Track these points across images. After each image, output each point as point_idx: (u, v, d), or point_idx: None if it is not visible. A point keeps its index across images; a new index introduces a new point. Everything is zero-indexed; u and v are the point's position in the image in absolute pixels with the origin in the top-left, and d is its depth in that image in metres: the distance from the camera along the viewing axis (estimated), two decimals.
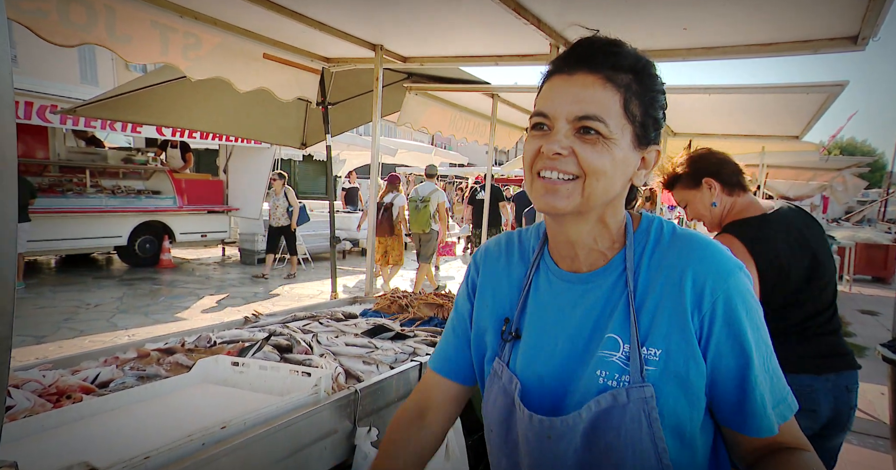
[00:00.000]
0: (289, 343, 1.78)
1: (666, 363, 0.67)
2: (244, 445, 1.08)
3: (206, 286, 6.97)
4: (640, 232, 0.75)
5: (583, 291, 0.75)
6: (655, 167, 0.75)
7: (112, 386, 1.31)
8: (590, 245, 0.74)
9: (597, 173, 0.67)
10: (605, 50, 0.68)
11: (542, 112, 0.69)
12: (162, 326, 4.92)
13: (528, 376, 0.75)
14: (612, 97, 0.67)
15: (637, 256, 0.73)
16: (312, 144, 4.75)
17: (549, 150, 0.67)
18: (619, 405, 0.66)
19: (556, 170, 0.68)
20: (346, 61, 3.21)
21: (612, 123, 0.66)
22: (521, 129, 5.79)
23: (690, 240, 0.72)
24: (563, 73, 0.69)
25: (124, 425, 1.11)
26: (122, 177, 8.11)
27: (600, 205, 0.70)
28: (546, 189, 0.69)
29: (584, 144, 0.67)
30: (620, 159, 0.68)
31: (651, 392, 0.66)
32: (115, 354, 1.55)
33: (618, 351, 0.69)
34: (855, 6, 1.77)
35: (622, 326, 0.70)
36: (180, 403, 1.27)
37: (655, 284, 0.70)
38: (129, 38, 2.08)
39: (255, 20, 2.53)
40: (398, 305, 2.40)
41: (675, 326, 0.68)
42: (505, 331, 0.79)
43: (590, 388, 0.69)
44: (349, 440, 1.37)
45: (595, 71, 0.67)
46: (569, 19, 2.29)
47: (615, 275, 0.73)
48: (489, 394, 0.79)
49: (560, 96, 0.68)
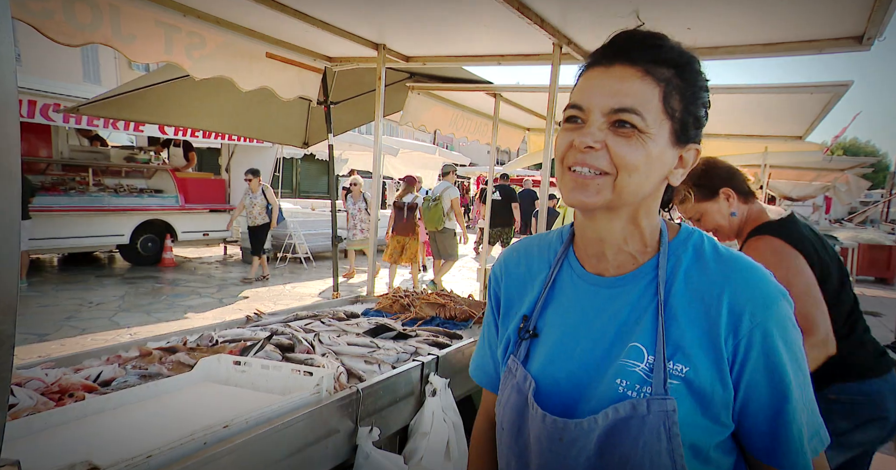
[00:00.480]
0: (290, 342, 1.78)
1: (691, 381, 0.65)
2: (246, 445, 1.08)
3: (207, 285, 6.99)
4: (677, 242, 0.72)
5: (609, 295, 0.72)
6: (693, 167, 0.72)
7: (114, 385, 1.32)
8: (619, 244, 0.72)
9: (629, 168, 0.64)
10: (646, 42, 0.66)
11: (577, 104, 0.67)
12: (164, 325, 4.93)
13: (544, 377, 0.73)
14: (651, 90, 0.64)
15: (671, 266, 0.70)
16: (314, 144, 4.76)
17: (582, 143, 0.65)
18: (638, 416, 0.64)
19: (586, 165, 0.65)
20: (348, 61, 3.21)
21: (649, 117, 0.64)
22: (523, 129, 5.78)
23: (735, 260, 0.69)
24: (601, 66, 0.67)
25: (126, 424, 1.11)
26: (125, 175, 8.13)
27: (633, 201, 0.68)
28: (576, 184, 0.66)
29: (617, 138, 0.64)
30: (656, 155, 0.65)
31: (674, 406, 0.63)
32: (117, 353, 1.55)
33: (641, 361, 0.67)
34: (860, 6, 1.76)
35: (648, 336, 0.67)
36: (182, 402, 1.27)
37: (690, 300, 0.67)
38: (133, 38, 2.08)
39: (259, 19, 2.53)
40: (400, 305, 2.40)
41: (706, 346, 0.65)
42: (522, 328, 0.77)
43: (607, 395, 0.67)
44: (351, 440, 1.37)
45: (634, 63, 0.65)
46: (572, 19, 2.29)
47: (645, 282, 0.70)
48: (503, 392, 0.78)
49: (596, 88, 0.66)
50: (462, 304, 2.34)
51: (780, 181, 11.69)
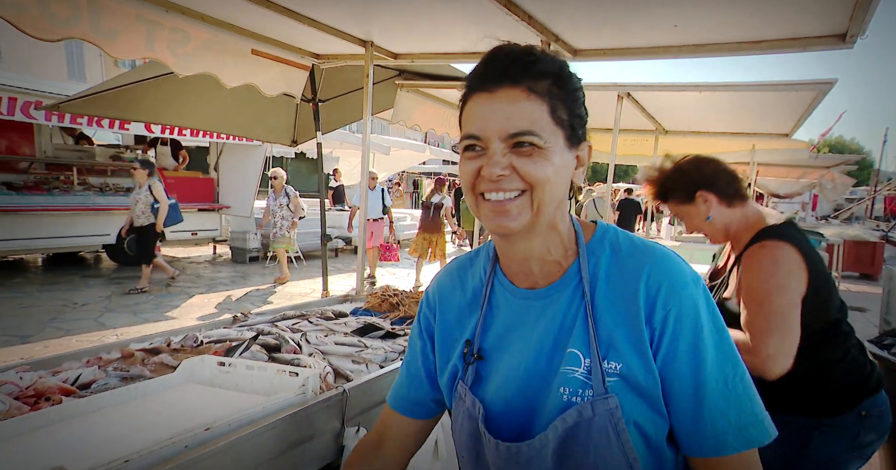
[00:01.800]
0: (277, 342, 1.76)
1: (626, 377, 0.66)
2: (229, 447, 1.06)
3: (196, 285, 6.91)
4: (594, 241, 0.74)
5: (542, 306, 0.73)
6: (590, 161, 0.74)
7: (94, 387, 1.29)
8: (543, 257, 0.73)
9: (541, 184, 0.66)
10: (522, 60, 0.66)
11: (473, 134, 0.67)
12: (150, 326, 4.87)
13: (495, 400, 0.73)
14: (539, 107, 0.66)
15: (593, 266, 0.72)
16: (303, 142, 4.72)
17: (492, 174, 0.66)
18: (584, 420, 0.65)
19: (501, 190, 0.66)
20: (336, 58, 3.18)
21: (544, 133, 0.66)
22: None
23: (647, 250, 0.71)
24: (485, 91, 0.67)
25: (105, 428, 1.09)
26: (111, 174, 8.01)
27: (550, 213, 0.69)
28: (495, 211, 0.67)
29: (521, 158, 0.66)
30: (559, 165, 0.67)
31: (615, 403, 0.65)
32: (98, 355, 1.52)
33: (579, 366, 0.68)
34: (843, 4, 1.78)
35: (582, 339, 0.69)
36: (164, 405, 1.25)
37: (613, 298, 0.69)
38: (114, 33, 2.04)
39: (244, 16, 2.50)
40: (389, 304, 2.38)
41: (632, 338, 0.67)
42: (467, 353, 0.77)
43: (554, 406, 0.68)
44: (337, 441, 1.35)
45: (516, 83, 0.66)
46: (559, 17, 2.28)
47: (571, 287, 0.72)
48: (456, 419, 0.78)
49: (488, 115, 0.66)
50: None
51: (768, 179, 11.84)
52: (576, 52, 2.76)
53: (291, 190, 7.16)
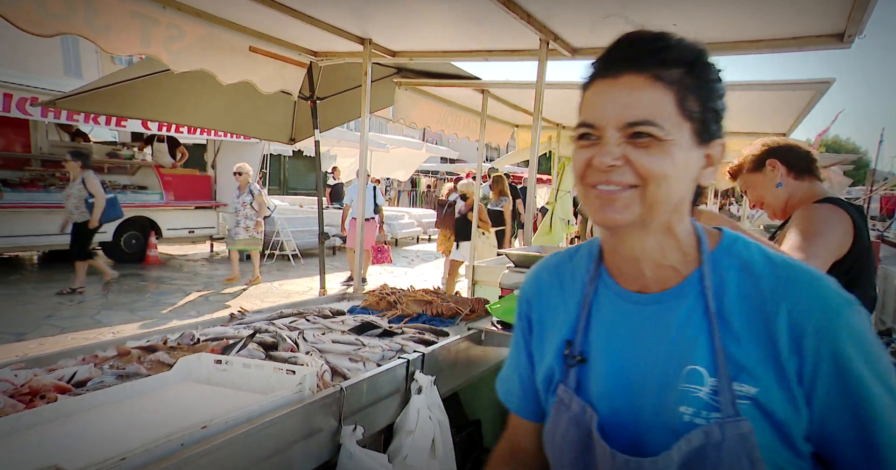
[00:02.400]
0: (274, 341, 1.75)
1: (761, 403, 0.60)
2: (225, 445, 1.06)
3: (193, 283, 6.89)
4: (720, 250, 0.67)
5: (654, 312, 0.67)
6: (721, 162, 0.67)
7: (89, 385, 1.28)
8: (657, 260, 0.67)
9: (657, 179, 0.61)
10: (651, 46, 0.62)
11: (588, 122, 0.64)
12: (147, 323, 4.85)
13: (602, 408, 0.68)
14: (664, 96, 0.61)
15: (718, 277, 0.65)
16: (301, 140, 4.71)
17: (602, 163, 0.62)
18: (712, 443, 0.59)
19: (611, 183, 0.62)
20: (334, 55, 3.17)
21: (666, 124, 0.61)
22: (511, 126, 5.78)
23: (792, 268, 0.63)
24: (607, 78, 0.63)
25: (101, 426, 1.08)
26: (107, 172, 7.97)
27: (665, 213, 0.64)
28: (602, 201, 0.63)
29: (637, 150, 0.61)
30: (681, 160, 0.62)
31: (749, 427, 0.58)
32: (94, 352, 1.51)
33: (703, 385, 0.62)
34: (841, 3, 1.78)
35: (707, 357, 0.62)
36: (160, 403, 1.24)
37: (748, 315, 0.62)
38: (108, 29, 2.03)
39: (241, 12, 2.49)
40: (387, 302, 2.38)
41: (770, 365, 0.60)
42: (568, 355, 0.72)
43: (672, 425, 0.62)
44: (334, 439, 1.35)
45: (641, 71, 0.61)
46: (558, 15, 2.28)
47: (692, 297, 0.65)
48: (555, 425, 0.72)
49: (606, 103, 0.62)
50: (449, 301, 2.33)
51: None
52: (574, 51, 2.75)
53: (256, 187, 6.78)
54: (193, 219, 8.65)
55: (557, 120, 5.80)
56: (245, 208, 6.62)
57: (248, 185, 6.66)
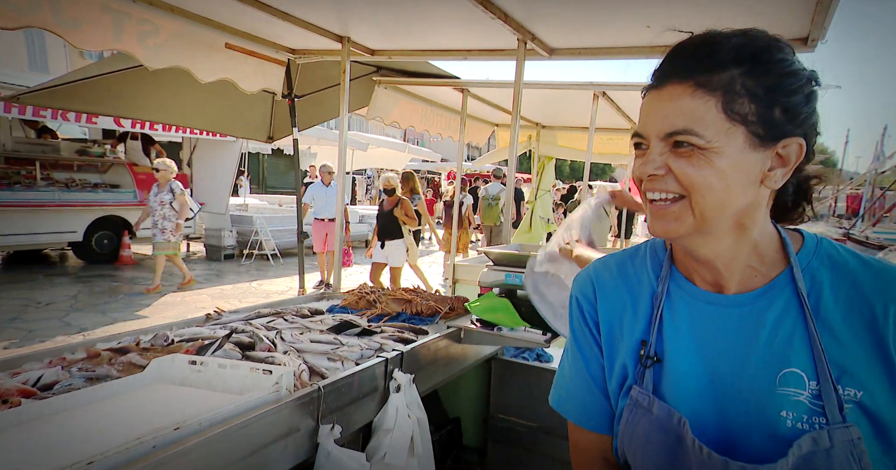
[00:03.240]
0: (251, 341, 1.73)
1: (867, 407, 0.59)
2: (199, 447, 1.04)
3: (168, 283, 6.74)
4: (806, 252, 0.66)
5: (739, 314, 0.66)
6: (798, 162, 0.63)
7: (56, 389, 1.24)
8: (735, 261, 0.66)
9: (699, 189, 0.61)
10: (695, 52, 0.61)
11: (637, 132, 0.66)
12: (120, 325, 4.73)
13: (685, 411, 0.66)
14: (705, 104, 0.60)
15: (810, 278, 0.64)
16: (280, 138, 4.64)
17: (643, 173, 0.64)
18: (821, 450, 0.57)
19: (656, 190, 0.63)
20: (312, 53, 3.15)
21: (708, 132, 0.59)
22: (491, 125, 5.81)
23: (884, 270, 0.63)
24: (654, 89, 0.64)
25: (68, 430, 1.06)
26: (77, 170, 7.73)
27: (727, 218, 0.63)
28: (654, 213, 0.65)
29: (678, 159, 0.61)
30: (728, 168, 0.60)
31: (858, 434, 0.57)
32: (61, 355, 1.47)
33: (804, 389, 0.60)
34: (804, 8, 1.84)
35: (805, 359, 0.61)
36: (132, 405, 1.22)
37: (845, 315, 0.61)
38: (77, 23, 1.97)
39: (216, 8, 2.44)
40: (366, 301, 2.37)
41: (876, 366, 0.59)
42: (644, 355, 0.70)
43: (773, 431, 0.61)
44: (312, 439, 1.35)
45: (684, 79, 0.61)
46: (536, 16, 2.31)
47: (783, 299, 0.64)
48: (632, 428, 0.69)
49: (650, 113, 0.64)
50: (428, 299, 2.34)
51: None
52: (551, 51, 2.79)
53: (178, 186, 6.10)
54: None
55: (537, 119, 5.85)
56: (164, 208, 5.94)
57: (168, 183, 6.01)
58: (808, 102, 0.63)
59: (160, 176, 6.00)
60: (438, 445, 2.10)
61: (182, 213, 6.12)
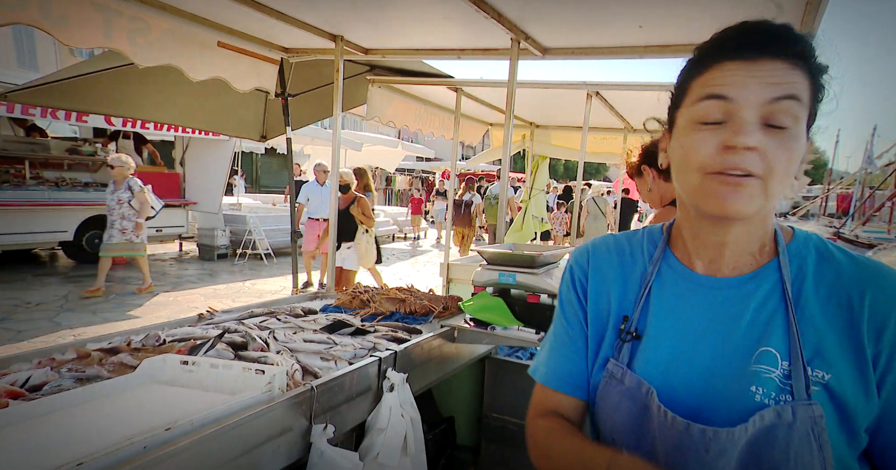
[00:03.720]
0: (244, 340, 1.73)
1: (833, 389, 0.61)
2: (191, 447, 1.04)
3: (161, 283, 6.69)
4: (796, 244, 0.69)
5: (728, 296, 0.68)
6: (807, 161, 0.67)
7: (45, 390, 1.23)
8: (743, 247, 0.68)
9: (778, 173, 0.60)
10: (787, 36, 0.61)
11: (722, 94, 0.60)
12: (111, 325, 4.69)
13: (660, 384, 0.68)
14: (803, 80, 0.60)
15: (796, 267, 0.66)
16: (273, 137, 4.63)
17: (742, 143, 0.58)
18: (783, 424, 0.59)
19: (738, 168, 0.59)
20: (305, 52, 3.13)
21: (802, 111, 0.60)
22: (485, 124, 5.81)
23: (871, 263, 0.65)
24: (740, 60, 0.60)
25: (57, 431, 1.05)
26: (67, 169, 7.65)
27: (773, 206, 0.64)
28: (729, 187, 0.60)
29: (772, 139, 0.59)
30: (797, 152, 0.61)
31: (820, 412, 0.59)
32: (50, 355, 1.46)
33: (776, 367, 0.62)
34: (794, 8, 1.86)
35: (781, 340, 0.63)
36: (123, 406, 1.21)
37: (825, 302, 0.64)
38: (66, 20, 1.95)
39: (208, 6, 2.43)
40: (360, 300, 2.37)
41: (848, 351, 0.61)
42: (623, 330, 0.72)
43: (742, 405, 0.63)
44: (305, 438, 1.34)
45: (780, 57, 0.59)
46: (529, 15, 2.31)
47: (769, 283, 0.66)
48: (605, 398, 0.72)
49: (745, 79, 0.59)
50: (422, 299, 2.34)
51: None
52: (545, 51, 2.79)
53: (137, 183, 5.72)
54: (161, 217, 8.37)
55: (531, 119, 5.86)
56: (122, 207, 5.58)
57: (125, 181, 5.63)
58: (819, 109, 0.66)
59: (116, 173, 5.63)
60: (432, 444, 2.11)
61: (142, 211, 5.78)
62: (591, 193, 9.47)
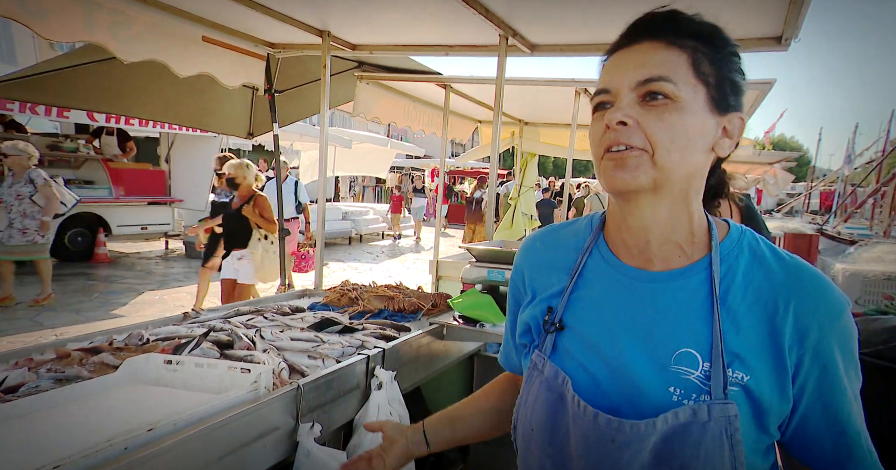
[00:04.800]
0: (230, 339, 1.71)
1: (750, 390, 0.61)
2: (174, 448, 1.02)
3: (146, 281, 6.59)
4: (730, 241, 0.68)
5: (653, 290, 0.67)
6: (740, 137, 0.66)
7: (22, 391, 1.20)
8: (667, 233, 0.67)
9: (666, 143, 0.60)
10: (665, 17, 0.64)
11: (603, 88, 0.65)
12: (94, 325, 4.61)
13: (579, 375, 0.68)
14: (678, 57, 0.62)
15: (726, 266, 0.66)
16: (260, 134, 4.57)
17: (613, 119, 0.61)
18: (698, 422, 0.60)
19: (620, 143, 0.61)
20: (292, 47, 3.10)
21: (680, 84, 0.61)
22: (474, 121, 5.80)
23: (800, 267, 0.65)
24: (622, 49, 0.65)
25: (35, 434, 1.02)
26: (49, 165, 7.49)
27: (680, 179, 0.63)
28: (614, 164, 0.62)
29: (649, 113, 0.61)
30: (694, 125, 0.61)
31: (735, 411, 0.60)
32: (29, 356, 1.42)
33: (696, 368, 0.62)
34: (777, 7, 1.88)
35: (703, 341, 0.63)
36: (103, 407, 1.18)
37: (750, 304, 0.63)
38: (45, 12, 1.90)
39: (192, 0, 2.38)
40: (348, 298, 2.35)
41: (768, 355, 0.62)
42: (547, 321, 0.72)
43: (660, 404, 0.63)
44: (291, 437, 1.33)
45: (656, 38, 0.63)
46: (517, 11, 2.30)
47: (697, 281, 0.66)
48: (527, 389, 0.72)
49: (620, 67, 0.64)
50: (411, 296, 2.33)
51: None
52: (533, 47, 2.79)
53: (41, 175, 4.82)
54: (146, 215, 8.26)
55: (519, 116, 5.87)
56: (21, 203, 4.67)
57: (25, 172, 4.70)
58: (744, 84, 0.67)
59: (12, 163, 4.68)
60: None
61: (49, 208, 4.83)
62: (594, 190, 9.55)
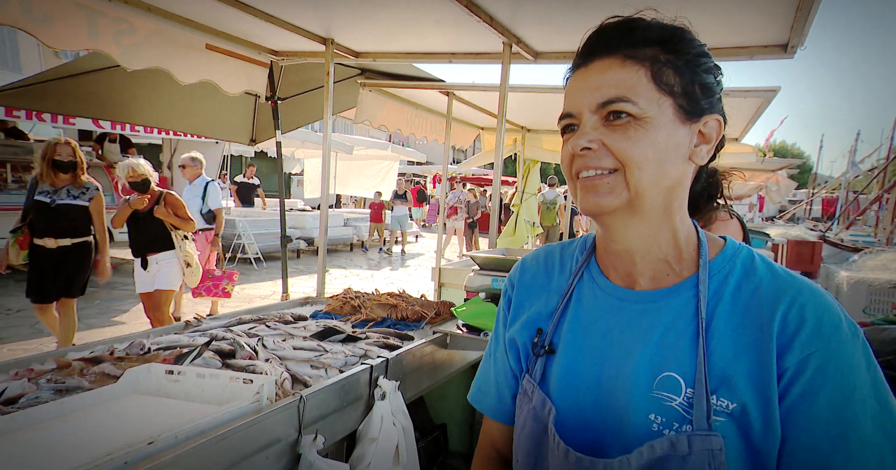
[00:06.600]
0: (232, 348, 1.69)
1: (738, 420, 0.56)
2: (174, 461, 1.00)
3: None
4: (723, 257, 0.64)
5: (640, 311, 0.64)
6: (718, 139, 0.64)
7: (22, 402, 1.19)
8: (652, 251, 0.64)
9: (637, 162, 0.58)
10: (619, 29, 0.62)
11: (566, 112, 0.64)
12: (95, 332, 4.59)
13: (565, 403, 0.65)
14: (636, 72, 0.59)
15: (717, 284, 0.61)
16: (262, 141, 4.58)
17: (577, 146, 0.60)
18: (677, 455, 0.55)
19: (590, 167, 0.60)
20: (295, 55, 3.10)
21: (641, 101, 0.58)
22: (477, 128, 5.81)
23: (792, 278, 0.60)
24: (579, 69, 0.63)
25: (34, 447, 1.00)
26: None
27: (657, 195, 0.61)
28: (585, 188, 0.61)
29: (613, 132, 0.59)
30: (664, 140, 0.59)
31: (720, 444, 0.54)
32: (28, 366, 1.41)
33: (678, 395, 0.58)
34: (784, 16, 1.88)
35: (687, 365, 0.58)
36: (104, 418, 1.17)
37: (738, 325, 0.58)
38: (49, 20, 1.91)
39: (195, 7, 2.39)
40: (350, 306, 2.33)
41: (756, 377, 0.56)
42: (536, 344, 0.69)
43: (640, 432, 0.59)
44: (294, 449, 1.31)
45: (611, 53, 0.61)
46: (521, 19, 2.31)
47: (683, 300, 0.62)
48: (519, 416, 0.70)
49: (579, 90, 0.62)
50: (414, 304, 2.31)
51: None
52: (536, 55, 2.80)
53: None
54: None
55: (522, 123, 5.88)
56: None
57: None
58: (718, 85, 0.65)
59: None
60: (424, 451, 2.07)
61: None
62: None
